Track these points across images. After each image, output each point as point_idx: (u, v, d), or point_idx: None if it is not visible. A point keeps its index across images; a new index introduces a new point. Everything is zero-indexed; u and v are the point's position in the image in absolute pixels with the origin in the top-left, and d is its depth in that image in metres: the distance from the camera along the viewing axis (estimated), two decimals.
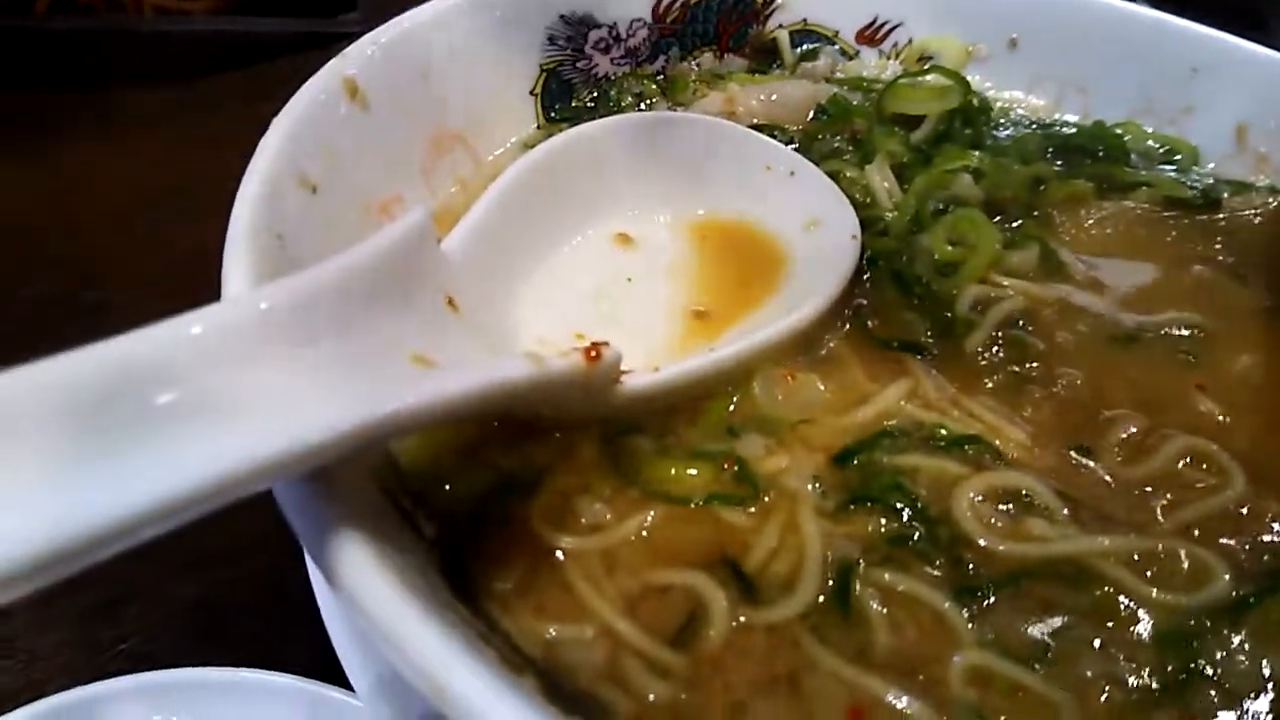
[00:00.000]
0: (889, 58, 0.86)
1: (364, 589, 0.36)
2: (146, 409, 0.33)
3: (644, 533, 0.49)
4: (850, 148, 0.73)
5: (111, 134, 1.03)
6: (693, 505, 0.50)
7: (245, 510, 0.34)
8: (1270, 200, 0.74)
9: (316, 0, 1.17)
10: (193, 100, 1.04)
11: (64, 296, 0.80)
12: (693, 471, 0.52)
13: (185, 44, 1.15)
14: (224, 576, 0.70)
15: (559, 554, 0.47)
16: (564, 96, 0.76)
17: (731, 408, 0.56)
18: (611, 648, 0.45)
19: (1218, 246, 0.70)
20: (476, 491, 0.49)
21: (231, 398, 0.35)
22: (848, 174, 0.70)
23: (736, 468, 0.52)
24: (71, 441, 0.32)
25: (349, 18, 1.21)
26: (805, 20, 0.84)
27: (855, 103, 0.78)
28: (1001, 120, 0.83)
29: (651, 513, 0.50)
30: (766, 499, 0.51)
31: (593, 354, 0.46)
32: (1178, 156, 0.81)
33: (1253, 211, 0.73)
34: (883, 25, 0.85)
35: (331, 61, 0.61)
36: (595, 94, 0.78)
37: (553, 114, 0.76)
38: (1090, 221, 0.70)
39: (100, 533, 0.31)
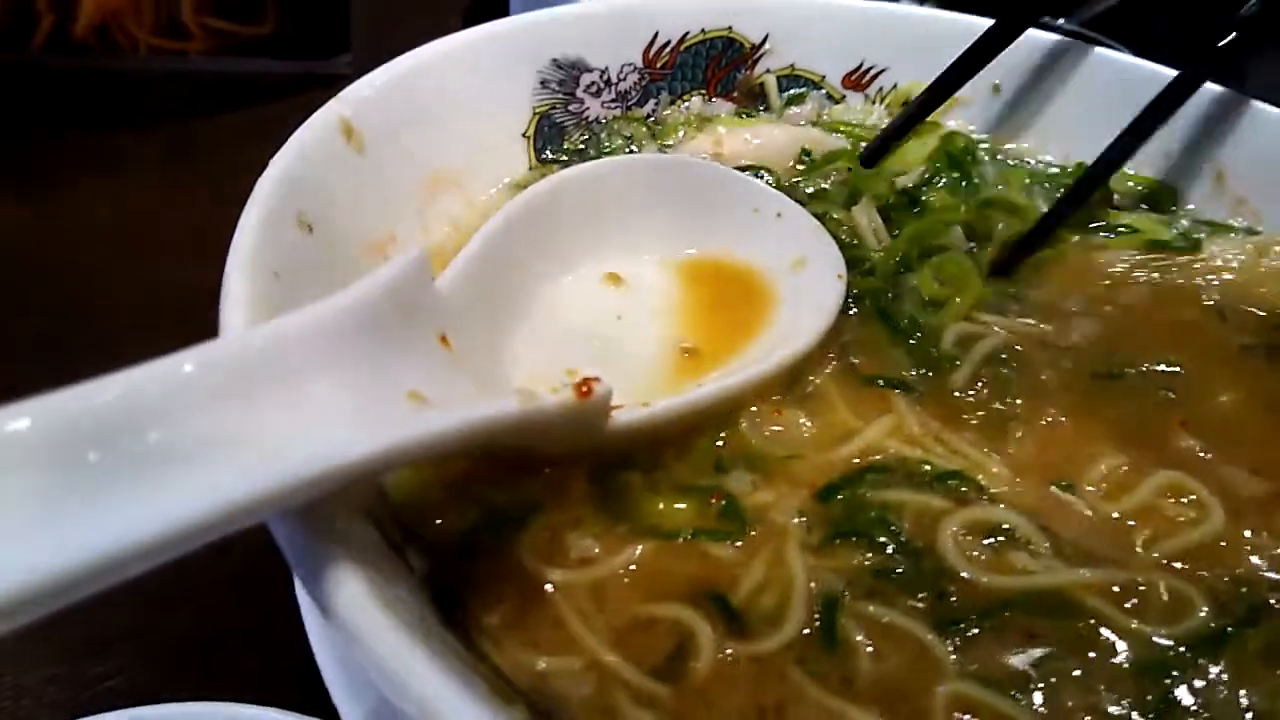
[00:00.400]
0: (874, 102, 0.88)
1: (357, 620, 0.36)
2: (139, 446, 0.34)
3: (632, 567, 0.50)
4: (835, 189, 0.75)
5: (107, 174, 1.04)
6: (680, 540, 0.51)
7: (233, 544, 0.35)
8: (1249, 242, 0.76)
9: (311, 42, 1.19)
10: (188, 141, 1.05)
11: (59, 336, 0.81)
12: (681, 506, 0.53)
13: (180, 84, 1.17)
14: (211, 610, 0.70)
15: (549, 587, 0.48)
16: (556, 139, 0.78)
17: (720, 443, 0.57)
18: (600, 679, 0.45)
19: (1199, 286, 0.71)
20: (467, 526, 0.50)
21: (225, 434, 0.36)
22: (834, 215, 0.72)
23: (724, 503, 0.53)
24: (63, 477, 0.32)
25: (343, 60, 1.23)
26: (793, 65, 0.86)
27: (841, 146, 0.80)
28: (987, 162, 0.85)
29: (640, 547, 0.51)
30: (753, 533, 0.52)
31: (584, 390, 0.47)
32: (1161, 199, 0.83)
33: (1233, 254, 0.74)
34: (869, 70, 0.87)
35: (329, 103, 0.62)
36: (587, 136, 0.80)
37: (545, 156, 0.77)
38: (1075, 262, 0.72)
39: (91, 567, 0.31)
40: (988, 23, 0.90)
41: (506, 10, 0.98)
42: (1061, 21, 1.46)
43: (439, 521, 0.50)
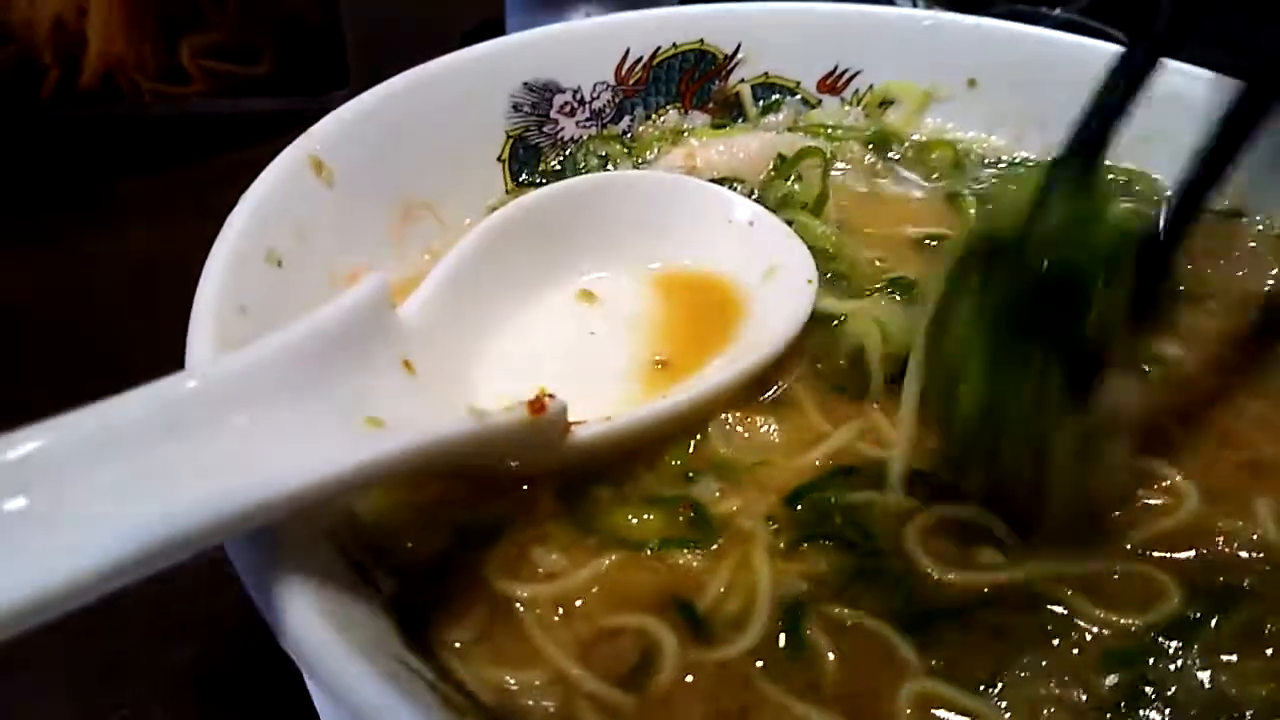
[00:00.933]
0: (851, 104, 0.88)
1: (306, 638, 0.38)
2: (95, 479, 0.36)
3: (600, 579, 0.50)
4: (803, 190, 0.75)
5: (113, 218, 1.07)
6: (647, 550, 0.52)
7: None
8: (1228, 224, 0.76)
9: (308, 79, 1.22)
10: (191, 181, 1.07)
11: (65, 373, 0.83)
12: (649, 517, 0.53)
13: (183, 127, 1.20)
14: (219, 641, 0.71)
15: (516, 604, 0.49)
16: (531, 161, 0.79)
17: (691, 450, 0.58)
18: (565, 693, 0.46)
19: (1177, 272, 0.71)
20: (436, 546, 0.51)
21: (178, 465, 0.38)
22: (801, 219, 0.72)
23: (692, 512, 0.54)
24: (27, 505, 0.34)
25: (340, 94, 1.24)
26: (767, 73, 0.87)
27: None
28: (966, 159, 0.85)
29: (607, 559, 0.51)
30: (720, 540, 0.52)
31: (537, 406, 0.48)
32: (1138, 188, 0.83)
33: (1215, 240, 0.74)
34: (844, 73, 0.87)
35: (297, 140, 0.64)
36: (563, 157, 0.81)
37: (521, 178, 0.78)
38: None
39: (57, 591, 0.32)
40: (964, 19, 0.90)
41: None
42: (1058, 11, 1.46)
43: (409, 544, 0.51)
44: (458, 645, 0.47)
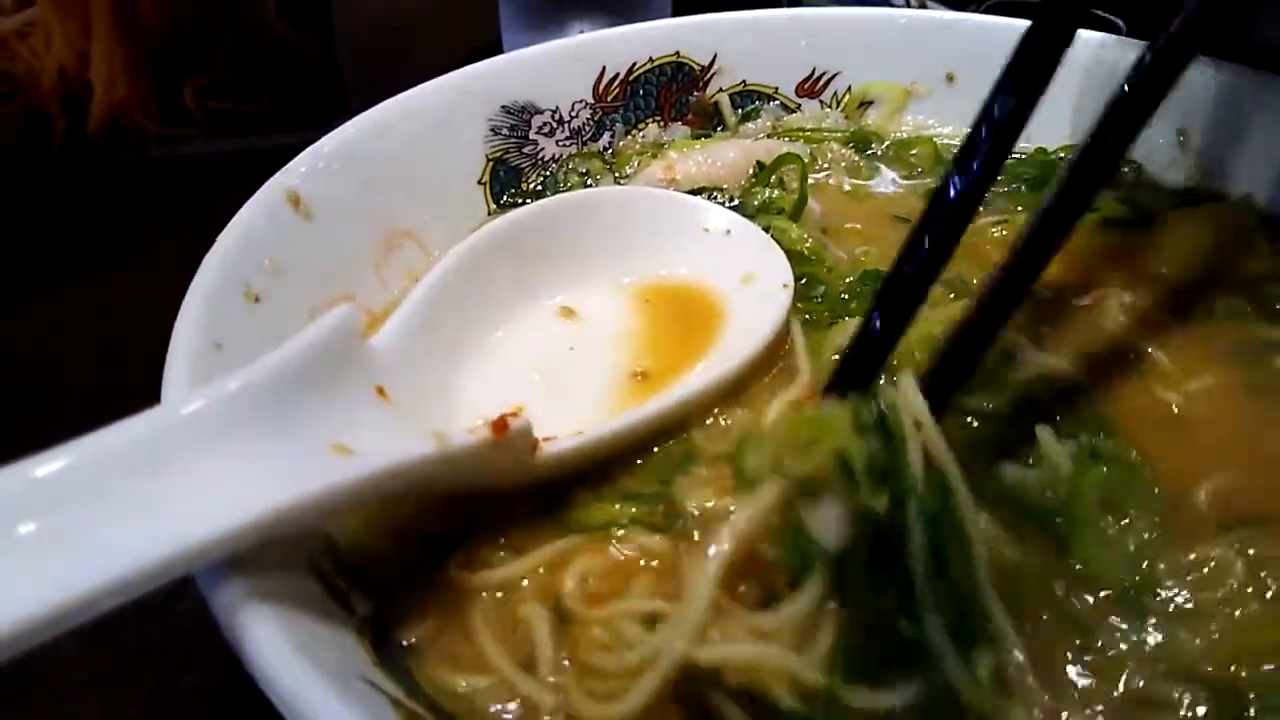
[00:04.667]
0: (829, 106, 0.89)
1: (265, 658, 0.39)
2: (74, 511, 0.38)
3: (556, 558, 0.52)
4: (781, 198, 0.76)
5: (124, 261, 1.09)
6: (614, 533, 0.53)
7: None
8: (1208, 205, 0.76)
9: (308, 113, 1.24)
10: (199, 220, 1.10)
11: (78, 417, 0.85)
12: (619, 507, 0.55)
13: (189, 167, 1.22)
14: (224, 672, 0.73)
15: (469, 596, 0.50)
16: (512, 182, 0.80)
17: (670, 453, 0.58)
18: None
19: (1153, 258, 0.71)
20: (410, 563, 0.52)
21: (151, 497, 0.40)
22: (778, 224, 0.73)
23: (662, 506, 0.55)
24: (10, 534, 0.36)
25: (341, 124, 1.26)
26: (744, 82, 0.88)
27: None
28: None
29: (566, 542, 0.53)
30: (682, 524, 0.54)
31: (500, 426, 0.49)
32: (1124, 171, 0.83)
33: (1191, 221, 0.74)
34: (821, 76, 0.88)
35: (274, 176, 0.66)
36: (544, 176, 0.82)
37: (502, 201, 0.80)
38: None
39: (41, 617, 0.34)
40: (940, 16, 0.91)
41: None
42: None
43: (385, 564, 0.52)
44: (430, 663, 0.48)
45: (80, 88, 1.21)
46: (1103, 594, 0.49)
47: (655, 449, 0.59)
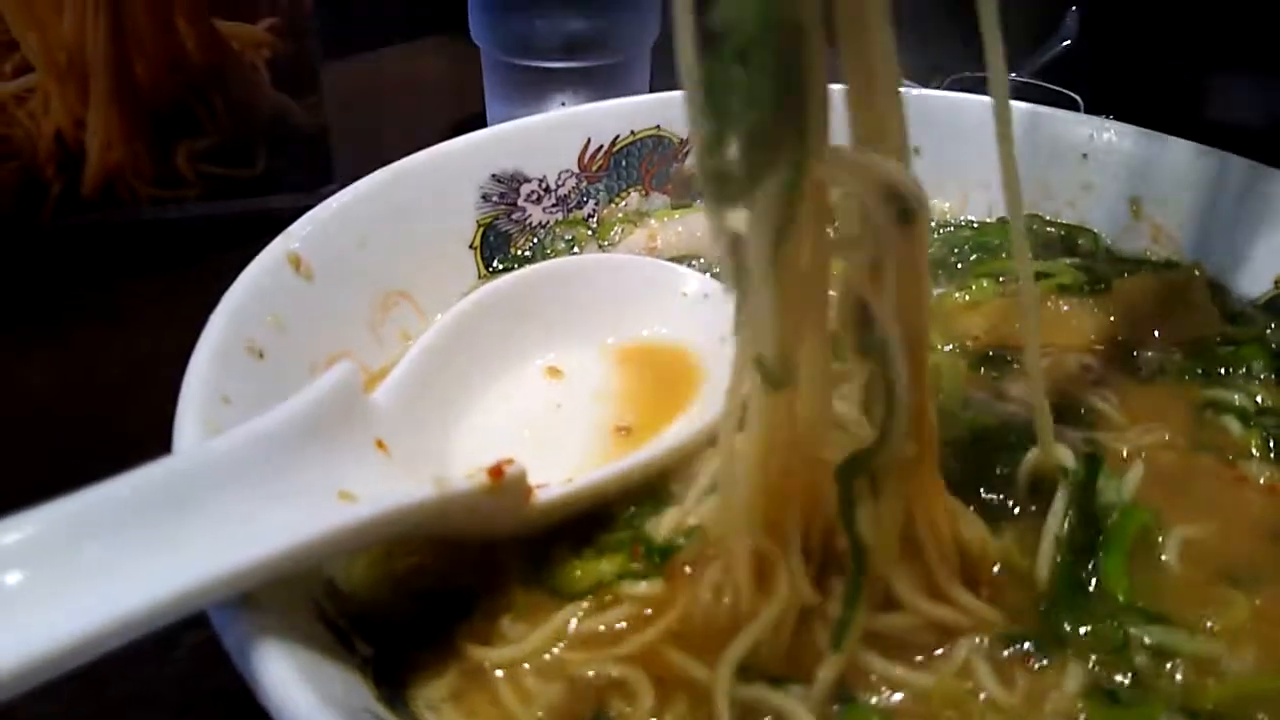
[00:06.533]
0: None
1: (281, 694, 0.41)
2: (88, 553, 0.40)
3: (561, 633, 0.54)
4: None
5: (117, 321, 1.11)
6: (606, 594, 0.56)
7: None
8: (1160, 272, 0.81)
9: (299, 177, 1.27)
10: (190, 281, 1.12)
11: (72, 464, 0.87)
12: (605, 566, 0.57)
13: (181, 229, 1.25)
14: (222, 714, 0.74)
15: (485, 665, 0.53)
16: (502, 247, 0.84)
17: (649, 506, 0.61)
18: None
19: (1107, 322, 0.75)
20: (410, 612, 0.55)
21: (164, 539, 0.42)
22: None
23: (643, 549, 0.58)
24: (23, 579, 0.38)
25: (329, 190, 1.29)
26: None
27: None
28: None
29: (571, 614, 0.55)
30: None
31: (496, 472, 0.52)
32: (1080, 241, 0.88)
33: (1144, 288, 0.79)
34: None
35: (276, 239, 0.69)
36: (533, 241, 0.86)
37: (494, 265, 0.83)
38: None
39: (60, 650, 0.37)
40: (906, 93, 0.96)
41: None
42: (1013, 75, 1.52)
43: (384, 610, 0.55)
44: (432, 705, 0.51)
45: (76, 151, 1.24)
46: None
47: (630, 505, 0.61)
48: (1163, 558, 0.57)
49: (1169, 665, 0.52)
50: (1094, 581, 0.55)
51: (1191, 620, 0.54)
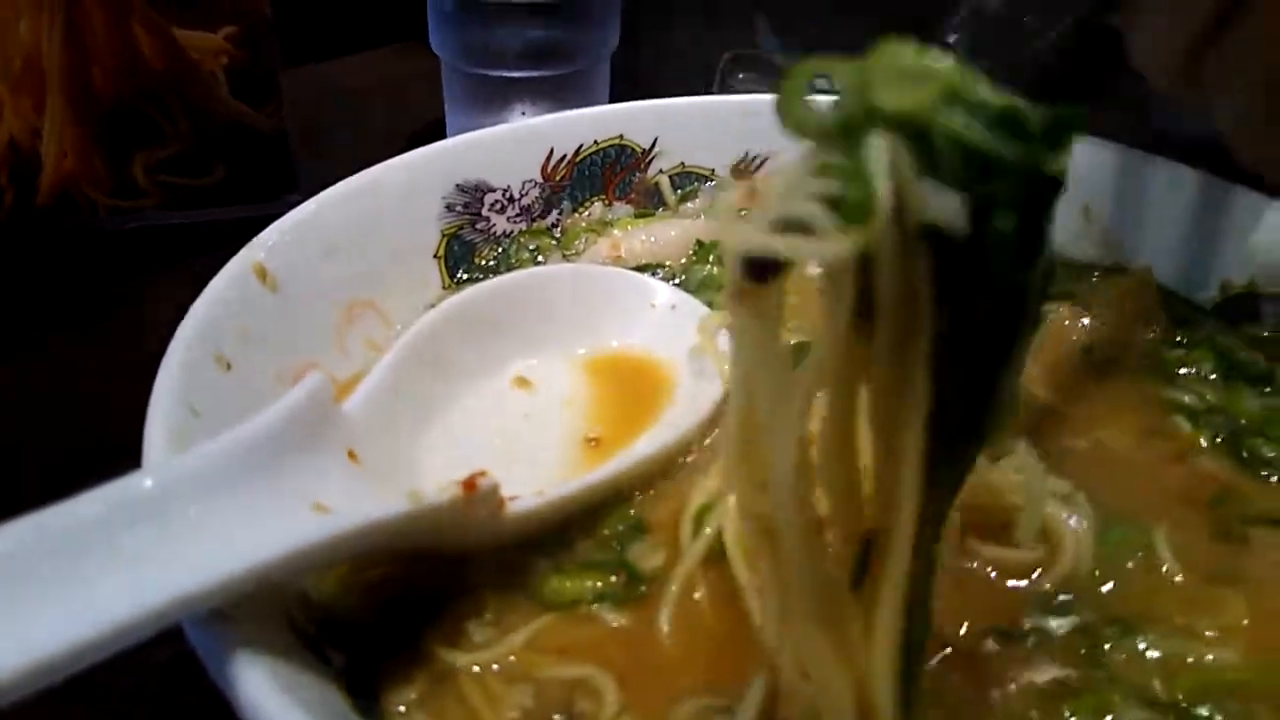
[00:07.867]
0: None
1: (257, 703, 0.42)
2: (56, 571, 0.40)
3: (535, 638, 0.55)
4: (721, 274, 0.81)
5: (81, 337, 1.10)
6: (582, 609, 0.56)
7: None
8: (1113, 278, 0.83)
9: (259, 186, 1.26)
10: (151, 294, 1.11)
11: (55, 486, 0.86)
12: (586, 582, 0.58)
13: (140, 239, 1.24)
14: None
15: (457, 669, 0.53)
16: (466, 257, 0.85)
17: (631, 512, 0.62)
18: None
19: (1066, 324, 0.77)
20: (381, 621, 0.55)
21: (135, 554, 0.42)
22: (719, 300, 0.78)
23: (625, 572, 0.58)
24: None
25: (291, 199, 1.29)
26: (683, 163, 0.93)
27: None
28: None
29: (542, 621, 0.56)
30: (644, 588, 0.58)
31: (469, 485, 0.53)
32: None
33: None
34: (754, 159, 0.94)
35: (241, 250, 0.69)
36: (498, 251, 0.86)
37: (458, 275, 0.84)
38: None
39: (31, 668, 0.37)
40: None
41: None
42: None
43: (355, 620, 0.55)
44: (402, 709, 0.51)
45: (30, 160, 1.22)
46: None
47: (611, 515, 0.62)
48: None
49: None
50: None
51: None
